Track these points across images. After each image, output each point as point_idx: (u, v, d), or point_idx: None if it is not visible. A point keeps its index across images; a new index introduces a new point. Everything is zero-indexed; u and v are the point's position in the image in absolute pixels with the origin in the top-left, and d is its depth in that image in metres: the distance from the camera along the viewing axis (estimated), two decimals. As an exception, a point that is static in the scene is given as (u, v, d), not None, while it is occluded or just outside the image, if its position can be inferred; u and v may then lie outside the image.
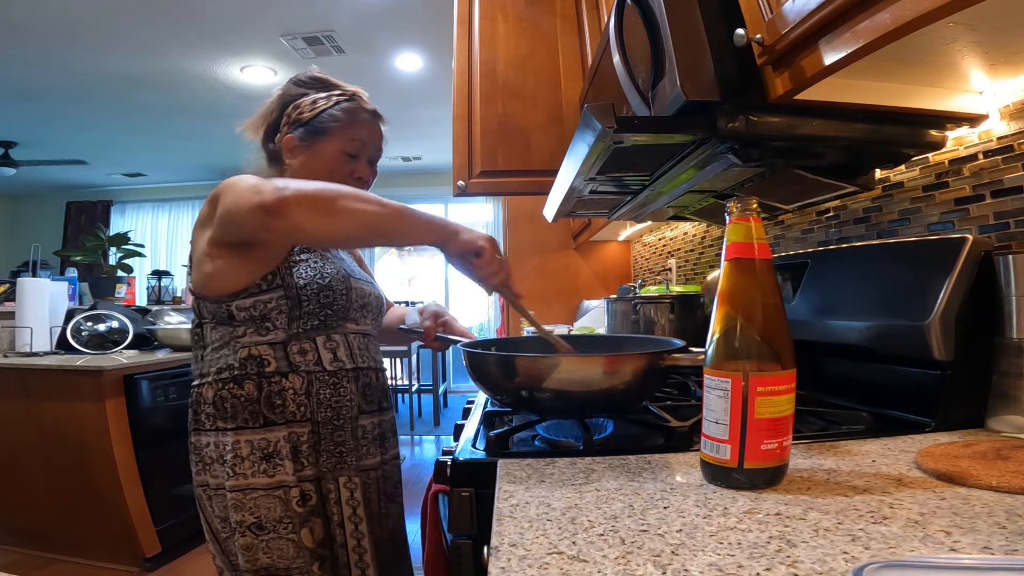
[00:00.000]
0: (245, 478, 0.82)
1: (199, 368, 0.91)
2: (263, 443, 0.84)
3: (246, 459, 0.83)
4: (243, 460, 0.83)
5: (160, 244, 6.54)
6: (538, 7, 1.89)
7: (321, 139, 0.96)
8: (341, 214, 0.75)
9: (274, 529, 0.82)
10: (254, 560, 0.82)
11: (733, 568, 0.38)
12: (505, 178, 1.80)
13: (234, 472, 0.83)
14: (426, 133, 4.96)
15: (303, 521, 0.83)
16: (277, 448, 0.84)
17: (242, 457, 0.83)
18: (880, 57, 0.59)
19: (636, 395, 0.77)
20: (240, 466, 0.82)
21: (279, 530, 0.82)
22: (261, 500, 0.82)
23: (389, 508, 1.00)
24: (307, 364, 0.89)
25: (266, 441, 0.84)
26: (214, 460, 0.85)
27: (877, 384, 0.83)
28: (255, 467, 0.83)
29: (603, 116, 0.74)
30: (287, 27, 3.17)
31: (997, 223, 0.78)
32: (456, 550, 0.67)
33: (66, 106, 4.17)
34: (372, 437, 0.96)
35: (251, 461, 0.83)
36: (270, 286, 0.86)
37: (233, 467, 0.83)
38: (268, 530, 0.82)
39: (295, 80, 1.02)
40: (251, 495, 0.82)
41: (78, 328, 2.66)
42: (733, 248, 0.54)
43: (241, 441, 0.83)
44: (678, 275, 2.15)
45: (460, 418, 1.15)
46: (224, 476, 0.84)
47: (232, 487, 0.83)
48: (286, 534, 0.82)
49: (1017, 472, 0.51)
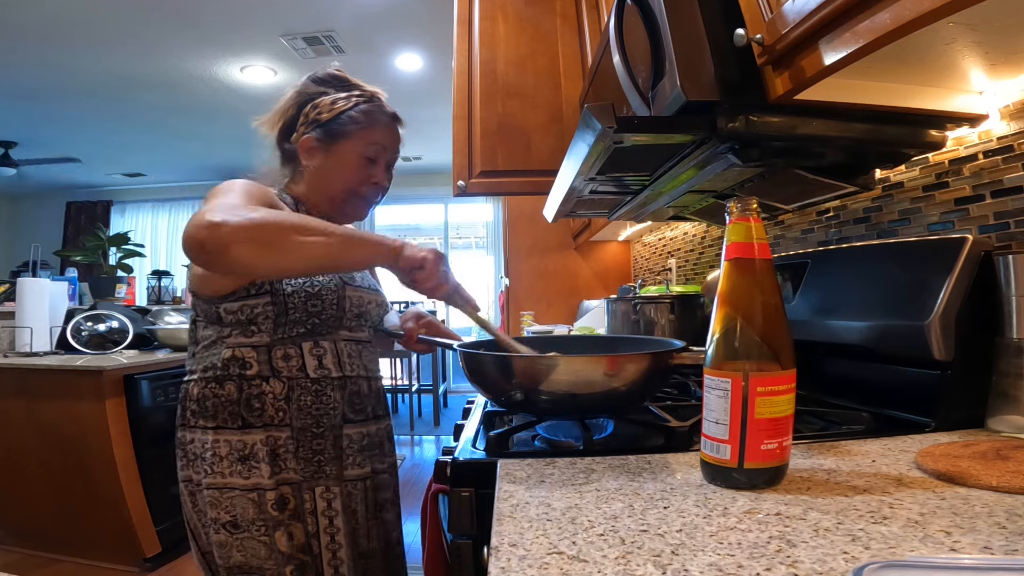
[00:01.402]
0: (223, 477, 0.83)
1: (190, 364, 0.91)
2: (240, 444, 0.84)
3: (224, 458, 0.83)
4: (221, 459, 0.83)
5: (160, 244, 6.54)
6: (538, 7, 1.89)
7: (340, 141, 0.94)
8: (285, 249, 0.72)
9: (247, 529, 0.82)
10: (227, 557, 0.82)
11: (733, 568, 0.38)
12: (505, 178, 1.80)
13: (212, 470, 0.83)
14: (426, 133, 4.96)
15: (277, 524, 0.83)
16: (254, 451, 0.84)
17: (220, 456, 0.83)
18: (880, 57, 0.59)
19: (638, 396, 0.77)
20: (218, 465, 0.83)
21: (252, 531, 0.82)
22: (237, 500, 0.83)
23: (382, 517, 0.98)
24: (290, 370, 0.88)
25: (243, 443, 0.84)
26: (197, 456, 0.85)
27: (877, 384, 0.83)
28: (232, 467, 0.83)
29: (603, 116, 0.74)
30: (287, 27, 3.17)
31: (997, 223, 0.78)
32: (456, 550, 0.67)
33: (66, 106, 4.16)
34: (360, 447, 0.94)
35: (229, 461, 0.83)
36: (258, 291, 0.85)
37: (212, 465, 0.83)
38: (242, 529, 0.82)
39: (314, 77, 0.99)
40: (227, 494, 0.83)
41: (78, 328, 2.66)
42: (733, 248, 0.54)
43: (220, 440, 0.84)
44: (678, 275, 2.15)
45: (460, 418, 1.15)
46: (203, 473, 0.84)
47: (209, 484, 0.83)
48: (259, 535, 0.83)
49: (1017, 472, 0.51)
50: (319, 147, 0.95)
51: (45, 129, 4.63)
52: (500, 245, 4.75)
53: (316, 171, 0.95)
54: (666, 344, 0.85)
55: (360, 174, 0.96)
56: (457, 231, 6.56)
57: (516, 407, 0.79)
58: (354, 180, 0.96)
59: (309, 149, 0.95)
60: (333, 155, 0.94)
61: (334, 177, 0.95)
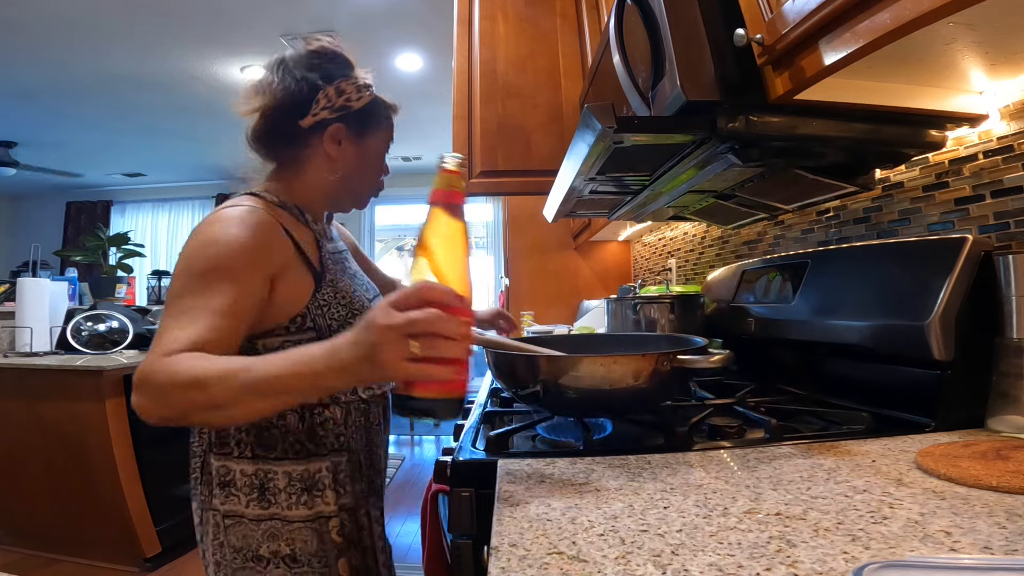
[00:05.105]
0: (281, 509, 0.78)
1: None
2: (305, 474, 0.80)
3: (283, 491, 0.78)
4: (280, 491, 0.78)
5: (160, 244, 6.53)
6: (538, 7, 1.89)
7: (371, 133, 0.87)
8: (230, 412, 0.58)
9: (308, 563, 0.78)
10: None
11: (733, 568, 0.38)
12: (505, 178, 1.80)
13: (269, 501, 0.78)
14: (426, 133, 4.95)
15: (340, 552, 0.80)
16: (317, 479, 0.80)
17: (279, 488, 0.78)
18: (880, 57, 0.59)
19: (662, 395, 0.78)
20: (277, 496, 0.78)
21: (313, 564, 0.78)
22: (297, 532, 0.78)
23: None
24: (346, 394, 0.85)
25: (307, 472, 0.80)
26: (241, 487, 0.79)
27: (877, 384, 0.83)
28: (290, 499, 0.79)
29: (603, 116, 0.74)
30: (287, 27, 3.17)
31: (997, 223, 0.78)
32: (456, 550, 0.67)
33: (66, 106, 4.16)
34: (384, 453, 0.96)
35: (287, 493, 0.79)
36: (299, 328, 0.78)
37: (266, 496, 0.78)
38: (302, 563, 0.78)
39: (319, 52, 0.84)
40: (288, 527, 0.78)
41: (78, 328, 2.66)
42: (438, 194, 0.55)
43: (279, 472, 0.79)
44: (678, 275, 2.15)
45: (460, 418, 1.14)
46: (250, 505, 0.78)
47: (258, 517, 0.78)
48: (319, 568, 0.79)
49: (1017, 472, 0.51)
50: (351, 137, 0.85)
51: (45, 129, 4.63)
52: (500, 245, 4.75)
53: (346, 163, 0.85)
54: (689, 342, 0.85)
55: (380, 170, 0.92)
56: (457, 231, 6.56)
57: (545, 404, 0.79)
58: (377, 175, 0.91)
59: (340, 138, 0.84)
60: (365, 148, 0.87)
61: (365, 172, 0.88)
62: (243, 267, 0.71)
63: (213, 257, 0.70)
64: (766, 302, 1.14)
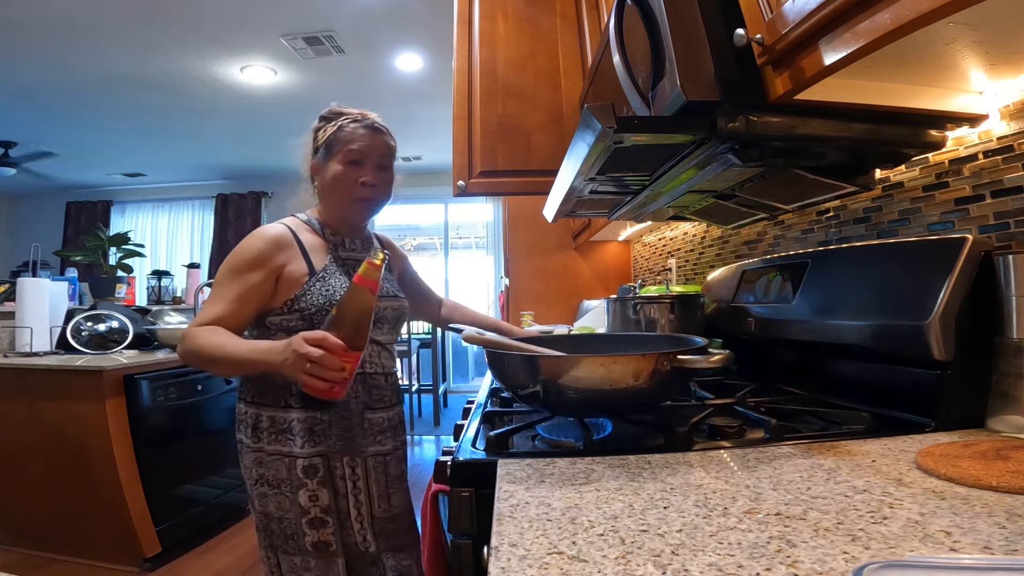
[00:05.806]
0: (263, 443, 1.06)
1: None
2: (281, 420, 1.06)
3: (266, 430, 1.06)
4: (264, 430, 1.06)
5: (160, 244, 6.53)
6: (538, 7, 1.89)
7: (331, 156, 1.11)
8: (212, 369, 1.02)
9: (278, 487, 1.05)
10: (265, 505, 1.06)
11: (733, 568, 0.38)
12: (505, 178, 1.80)
13: (257, 437, 1.07)
14: (426, 133, 4.95)
15: (301, 485, 1.04)
16: (289, 426, 1.05)
17: (263, 428, 1.06)
18: (880, 57, 0.59)
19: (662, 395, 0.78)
20: (262, 434, 1.06)
21: (282, 488, 1.05)
22: (271, 463, 1.05)
23: (400, 485, 1.19)
24: None
25: (284, 419, 1.06)
26: (249, 425, 1.08)
27: (877, 384, 0.83)
28: (271, 437, 1.06)
29: (603, 116, 0.74)
30: (287, 27, 3.17)
31: (997, 223, 0.78)
32: (456, 550, 0.67)
33: (66, 106, 4.16)
34: (382, 428, 1.15)
35: (268, 432, 1.06)
36: (289, 309, 1.05)
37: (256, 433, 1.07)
38: (274, 486, 1.05)
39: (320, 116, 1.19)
40: (268, 457, 1.06)
41: (78, 328, 2.66)
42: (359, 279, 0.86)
43: (264, 415, 1.06)
44: (678, 275, 2.15)
45: (460, 418, 1.15)
46: (248, 437, 1.07)
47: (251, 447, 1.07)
48: (287, 491, 1.05)
49: (1017, 472, 0.51)
50: (320, 165, 1.13)
51: (45, 129, 4.63)
52: (500, 245, 4.74)
53: (322, 185, 1.13)
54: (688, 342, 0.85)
55: (348, 179, 1.10)
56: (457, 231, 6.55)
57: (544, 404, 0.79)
58: (347, 183, 1.10)
59: (316, 170, 1.15)
60: (327, 170, 1.11)
61: (334, 187, 1.11)
62: (252, 268, 1.03)
63: (236, 261, 1.04)
64: (766, 302, 1.14)
